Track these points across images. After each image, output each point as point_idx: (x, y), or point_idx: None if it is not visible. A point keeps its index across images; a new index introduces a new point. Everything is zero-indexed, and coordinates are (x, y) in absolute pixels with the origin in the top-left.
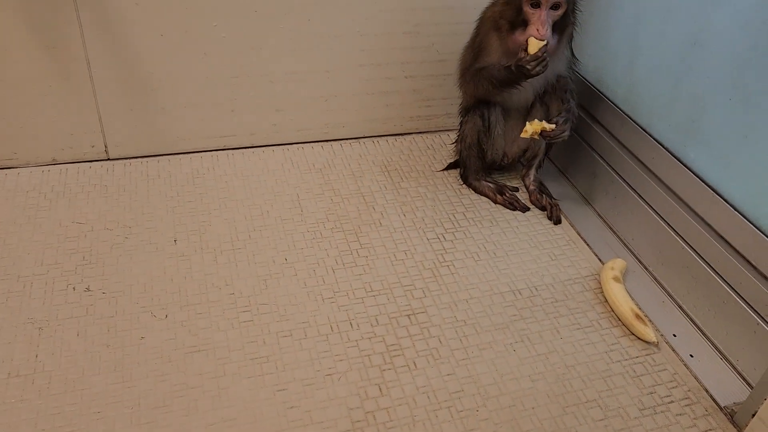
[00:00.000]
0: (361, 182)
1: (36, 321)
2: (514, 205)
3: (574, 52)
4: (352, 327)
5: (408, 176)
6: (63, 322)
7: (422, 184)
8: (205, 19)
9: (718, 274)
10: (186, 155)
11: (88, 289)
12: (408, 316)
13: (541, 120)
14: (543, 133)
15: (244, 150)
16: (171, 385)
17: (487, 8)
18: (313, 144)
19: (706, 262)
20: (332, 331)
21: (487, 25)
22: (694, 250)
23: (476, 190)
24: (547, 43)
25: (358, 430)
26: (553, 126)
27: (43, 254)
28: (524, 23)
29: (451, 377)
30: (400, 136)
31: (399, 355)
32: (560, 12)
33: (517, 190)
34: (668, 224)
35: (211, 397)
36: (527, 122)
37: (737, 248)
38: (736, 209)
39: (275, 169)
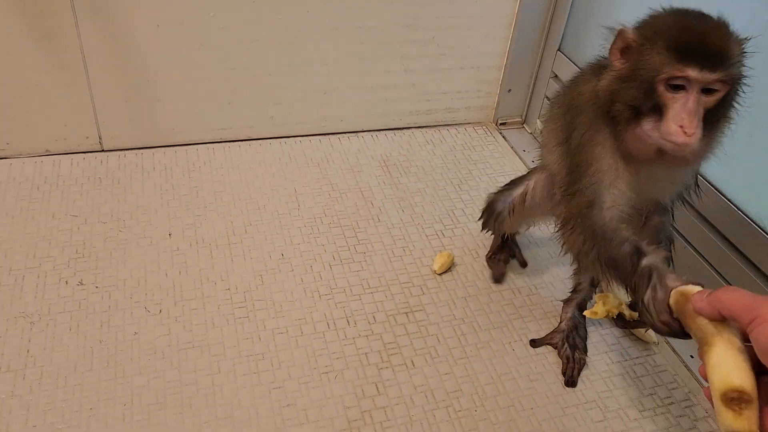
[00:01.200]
0: (359, 177)
1: (28, 315)
2: (493, 273)
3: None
4: (349, 324)
5: (407, 171)
6: (55, 316)
7: (421, 179)
8: (202, 9)
9: (720, 275)
10: (182, 147)
11: (81, 283)
12: (406, 313)
13: (617, 296)
14: (619, 316)
15: (240, 143)
16: (165, 381)
17: (577, 84)
18: (310, 137)
19: (708, 261)
20: (329, 328)
21: (587, 112)
22: (696, 250)
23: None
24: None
25: (354, 429)
26: (635, 314)
27: (36, 247)
28: (656, 110)
29: (449, 376)
30: (399, 131)
31: (396, 354)
32: (717, 97)
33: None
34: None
35: (206, 395)
36: (596, 296)
37: (740, 248)
38: (739, 209)
39: (272, 163)
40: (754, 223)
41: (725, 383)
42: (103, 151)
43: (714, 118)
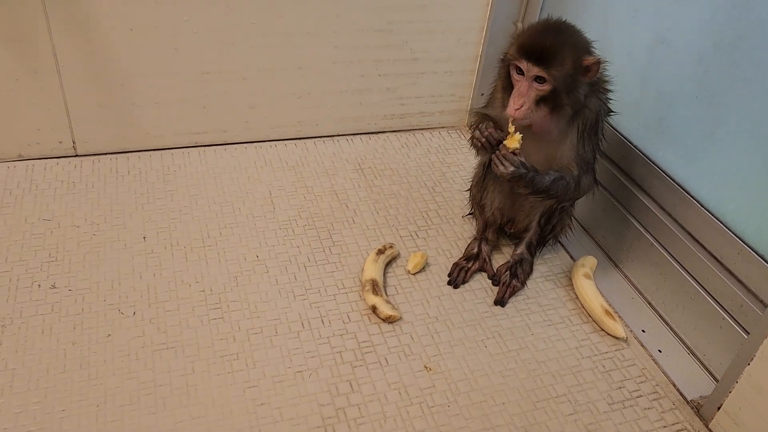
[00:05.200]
0: (334, 180)
1: None
2: (453, 278)
3: (594, 147)
4: (323, 324)
5: (382, 174)
6: (27, 319)
7: (396, 182)
8: (176, 13)
9: (686, 270)
10: (156, 152)
11: (54, 287)
12: None
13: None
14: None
15: (216, 147)
16: (138, 382)
17: None
18: (286, 141)
19: (674, 258)
20: (303, 328)
21: (498, 73)
22: (663, 247)
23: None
24: (520, 146)
25: (328, 426)
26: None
27: (8, 251)
28: (510, 88)
29: (422, 373)
30: (374, 135)
31: (370, 352)
32: (546, 88)
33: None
34: (638, 221)
35: (180, 395)
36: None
37: (704, 244)
38: (702, 205)
39: (247, 167)
40: (715, 217)
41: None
42: (77, 155)
43: (553, 103)
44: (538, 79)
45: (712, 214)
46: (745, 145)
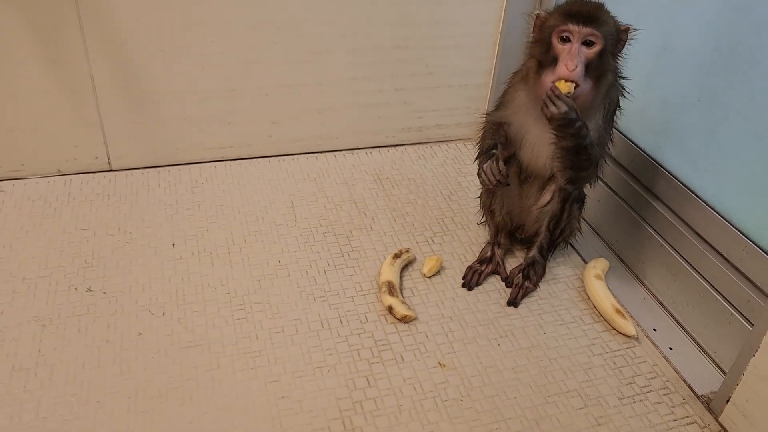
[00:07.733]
0: (353, 190)
1: (39, 319)
2: (467, 280)
3: (610, 133)
4: (341, 323)
5: (399, 184)
6: (65, 319)
7: (413, 191)
8: (203, 35)
9: (695, 269)
10: (185, 166)
11: (89, 290)
12: None
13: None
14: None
15: (241, 161)
16: (167, 377)
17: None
18: (307, 155)
19: (684, 257)
20: (322, 327)
21: (517, 77)
22: (672, 247)
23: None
24: (577, 85)
25: (346, 418)
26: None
27: (48, 258)
28: (554, 61)
29: (436, 369)
30: (392, 148)
31: (387, 350)
32: (595, 50)
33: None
34: (647, 223)
35: (206, 388)
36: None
37: (711, 243)
38: (708, 205)
39: (271, 179)
40: (721, 216)
41: None
42: (111, 170)
43: (597, 71)
44: (587, 43)
45: (718, 213)
46: (747, 146)
